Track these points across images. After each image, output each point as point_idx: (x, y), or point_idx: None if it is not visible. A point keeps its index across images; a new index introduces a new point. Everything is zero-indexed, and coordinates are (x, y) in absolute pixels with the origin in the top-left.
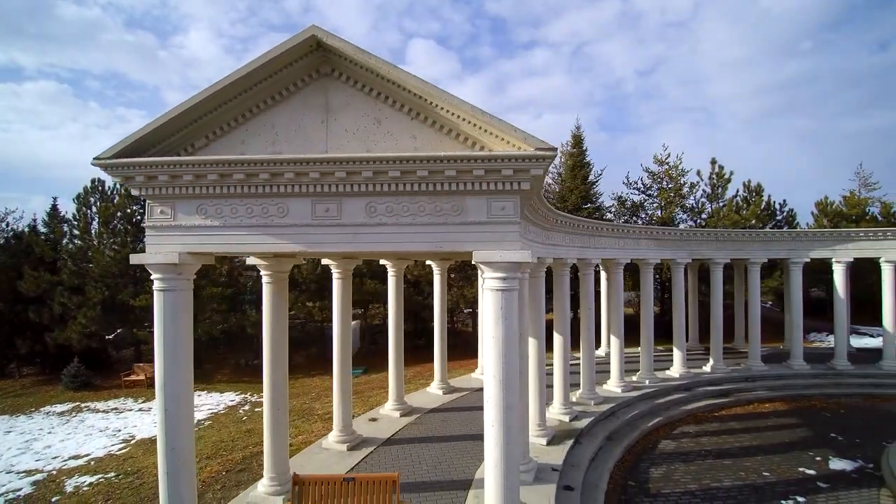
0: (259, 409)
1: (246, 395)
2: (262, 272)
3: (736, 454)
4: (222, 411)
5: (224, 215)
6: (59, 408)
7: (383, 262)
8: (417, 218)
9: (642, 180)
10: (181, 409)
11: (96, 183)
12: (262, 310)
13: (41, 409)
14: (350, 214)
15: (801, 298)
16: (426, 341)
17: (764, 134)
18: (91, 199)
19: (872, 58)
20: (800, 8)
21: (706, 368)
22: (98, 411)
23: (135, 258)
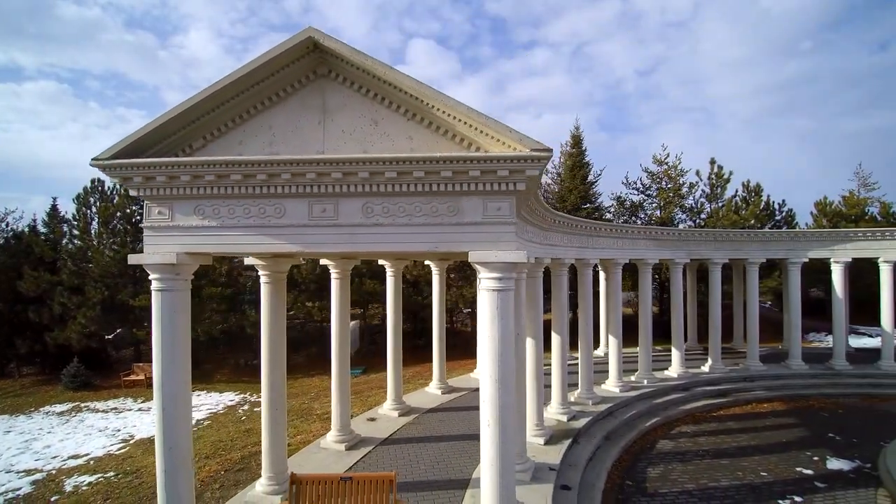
0: (258, 409)
1: (245, 395)
2: (260, 272)
3: (733, 454)
4: (221, 411)
5: (221, 216)
6: (59, 407)
7: (382, 263)
8: (413, 218)
9: (641, 180)
10: (179, 409)
11: (96, 183)
12: (260, 310)
13: (41, 409)
14: (347, 215)
15: (800, 298)
16: (425, 341)
17: (764, 134)
18: (91, 200)
19: (872, 58)
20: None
21: (704, 368)
22: (97, 411)
23: (133, 258)
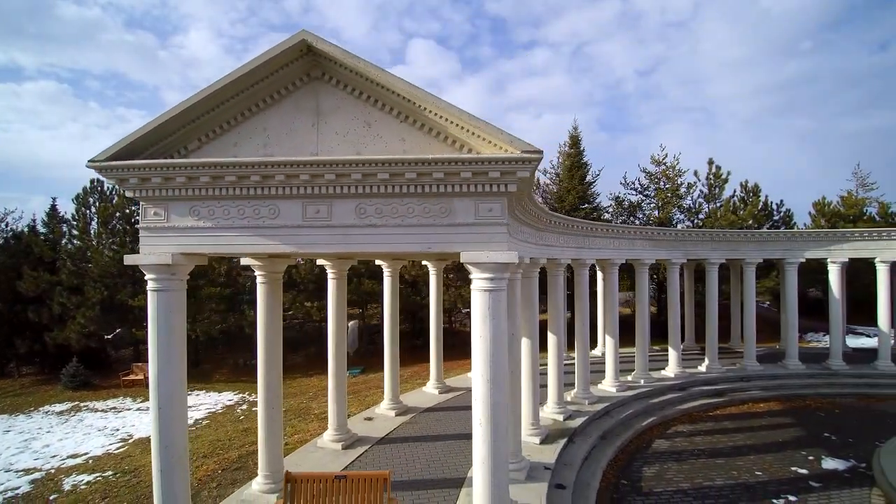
0: (256, 409)
1: (244, 395)
2: (257, 272)
3: (729, 453)
4: (220, 411)
5: (216, 216)
6: (58, 407)
7: (379, 263)
8: (406, 219)
9: (639, 181)
10: (175, 407)
11: (95, 183)
12: (257, 310)
13: (40, 409)
14: (340, 216)
15: (797, 298)
16: (424, 341)
17: (764, 134)
18: (90, 200)
19: (872, 58)
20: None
21: (701, 368)
22: (97, 411)
23: (129, 259)
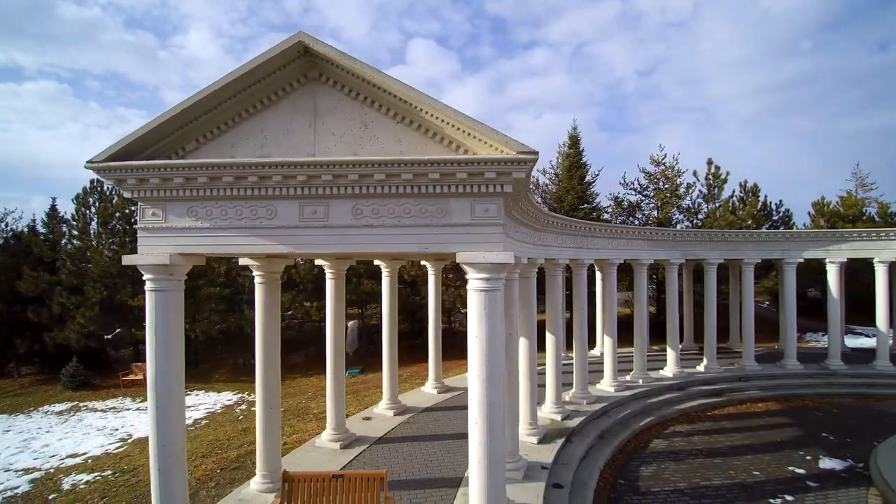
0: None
1: (243, 395)
2: (255, 273)
3: (727, 453)
4: (219, 410)
5: (214, 217)
6: (58, 407)
7: (378, 263)
8: (403, 220)
9: (639, 181)
10: (172, 406)
11: (95, 184)
12: (255, 310)
13: (40, 409)
14: (337, 216)
15: (795, 298)
16: (423, 341)
17: (764, 134)
18: (90, 200)
19: (872, 58)
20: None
21: (700, 368)
22: (96, 410)
23: (126, 259)
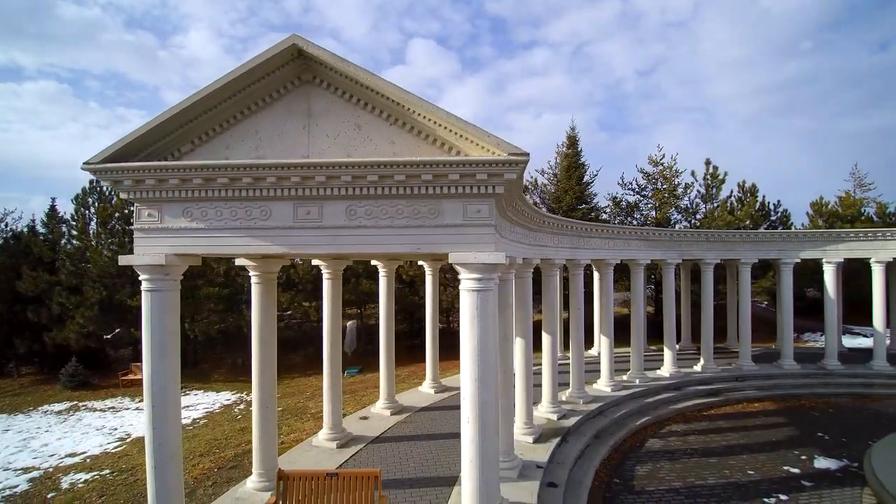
0: None
1: (241, 395)
2: (251, 273)
3: (722, 453)
4: (217, 410)
5: (209, 218)
6: (57, 407)
7: (375, 263)
8: (396, 220)
9: (637, 181)
10: (168, 405)
11: (94, 184)
12: (251, 310)
13: (39, 408)
14: (331, 217)
15: (792, 298)
16: (421, 341)
17: (764, 134)
18: (89, 200)
19: (872, 58)
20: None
21: (697, 368)
22: (95, 410)
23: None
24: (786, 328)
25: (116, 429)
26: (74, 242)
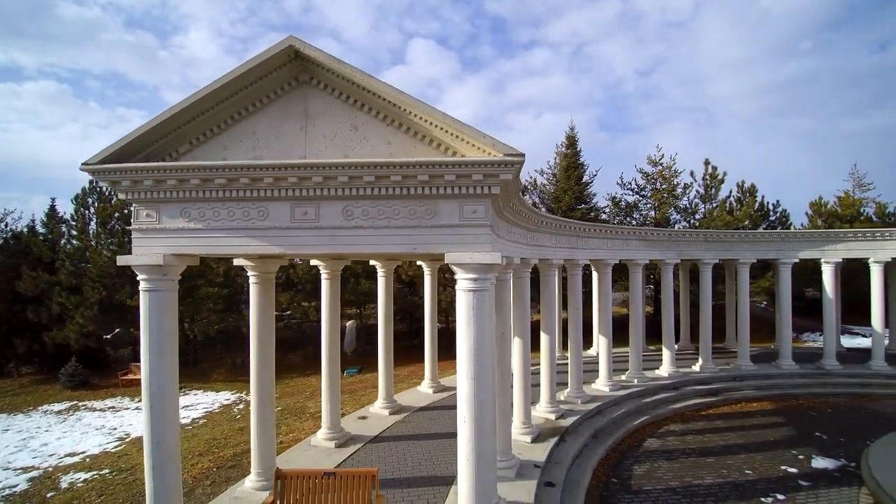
0: None
1: (241, 395)
2: (249, 273)
3: (720, 452)
4: (217, 410)
5: (207, 218)
6: (57, 406)
7: (373, 263)
8: (392, 221)
9: (636, 181)
10: (166, 404)
11: (94, 184)
12: (249, 310)
13: (39, 408)
14: (328, 217)
15: (790, 298)
16: (421, 341)
17: (764, 134)
18: (89, 200)
19: (872, 58)
20: (800, 8)
21: (695, 368)
22: (95, 410)
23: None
24: (784, 328)
25: (116, 428)
26: (74, 242)
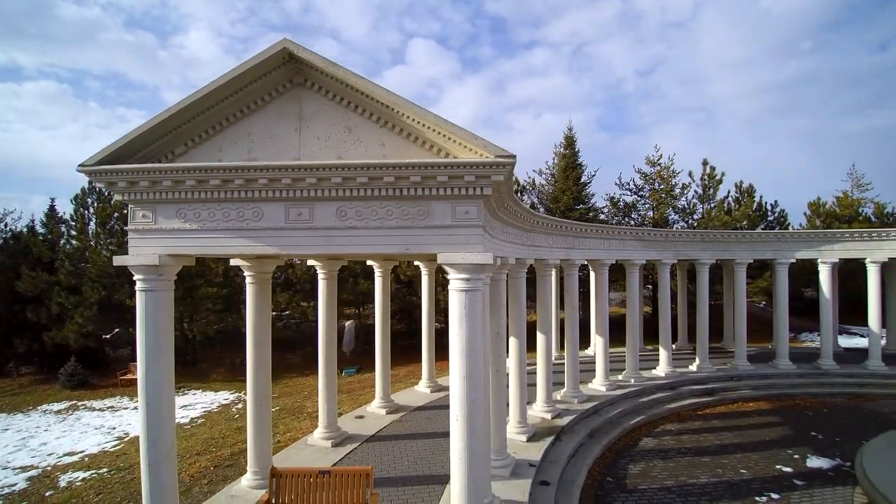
0: None
1: (240, 394)
2: (246, 273)
3: (715, 452)
4: (215, 409)
5: (202, 219)
6: (56, 406)
7: (371, 263)
8: (386, 221)
9: (634, 181)
10: (162, 403)
11: (93, 184)
12: (246, 310)
13: (38, 408)
14: (322, 218)
15: (787, 298)
16: (419, 341)
17: (764, 134)
18: (88, 201)
19: (872, 58)
20: (800, 8)
21: (692, 368)
22: (94, 409)
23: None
24: (781, 328)
25: (115, 428)
26: (73, 242)
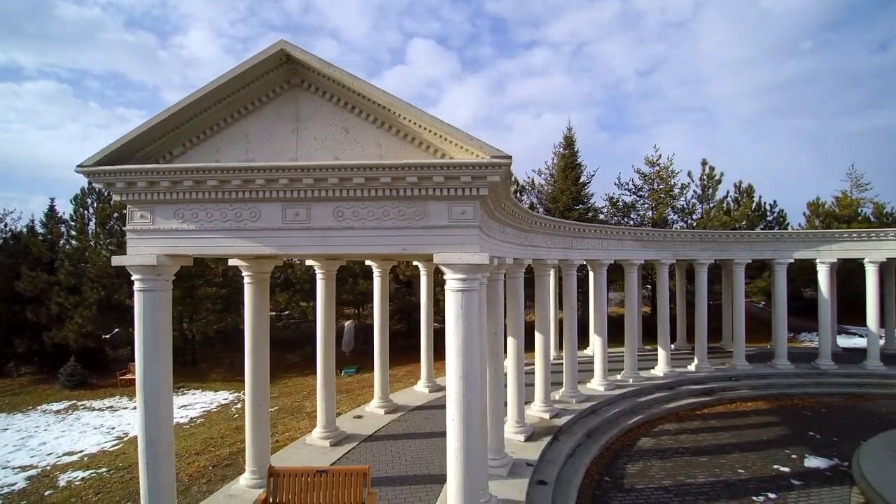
0: None
1: (239, 394)
2: (244, 273)
3: (713, 451)
4: (215, 409)
5: (200, 219)
6: (56, 406)
7: (369, 263)
8: (382, 222)
9: (633, 181)
10: (160, 402)
11: (93, 185)
12: (244, 310)
13: (38, 407)
14: (319, 219)
15: (786, 298)
16: (418, 340)
17: (764, 134)
18: (88, 201)
19: (872, 58)
20: (800, 8)
21: (691, 368)
22: (93, 409)
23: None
24: (780, 328)
25: (114, 427)
26: (73, 243)
